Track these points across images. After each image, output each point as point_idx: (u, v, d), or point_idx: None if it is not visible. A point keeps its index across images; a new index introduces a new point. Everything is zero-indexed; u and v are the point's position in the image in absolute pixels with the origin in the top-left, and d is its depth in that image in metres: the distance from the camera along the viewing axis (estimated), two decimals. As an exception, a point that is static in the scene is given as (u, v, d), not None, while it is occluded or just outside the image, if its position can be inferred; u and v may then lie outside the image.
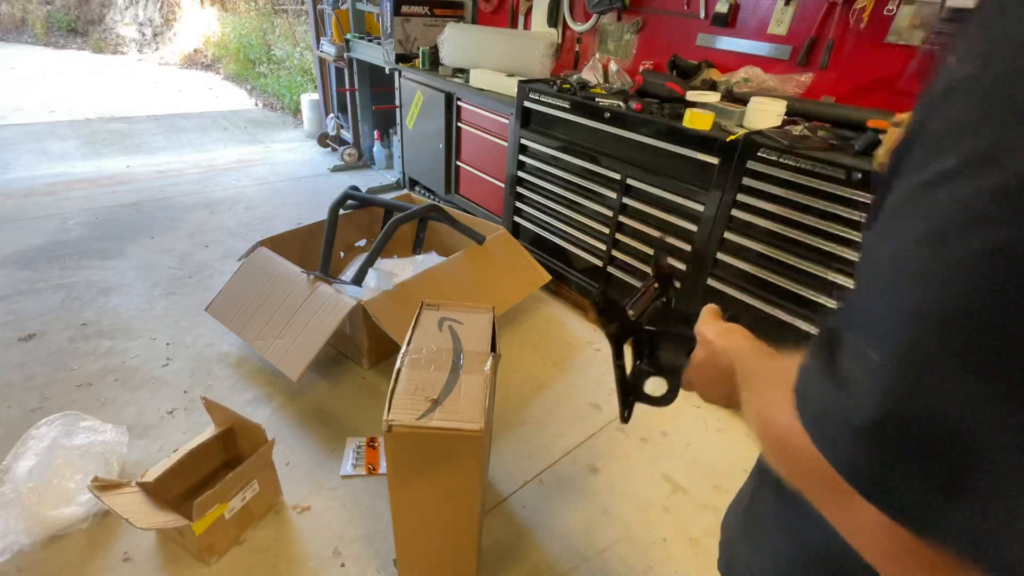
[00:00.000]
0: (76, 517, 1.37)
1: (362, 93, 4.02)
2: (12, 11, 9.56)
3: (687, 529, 1.54)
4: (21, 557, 1.32)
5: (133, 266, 2.67)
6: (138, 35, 9.53)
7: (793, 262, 1.65)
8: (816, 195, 1.56)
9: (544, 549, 1.46)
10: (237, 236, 3.05)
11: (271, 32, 7.40)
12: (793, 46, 2.02)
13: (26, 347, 2.06)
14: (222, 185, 3.81)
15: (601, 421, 1.90)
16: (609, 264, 2.29)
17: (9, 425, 1.68)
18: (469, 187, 3.19)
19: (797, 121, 1.81)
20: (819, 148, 1.58)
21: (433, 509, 1.13)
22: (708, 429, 1.91)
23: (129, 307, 2.34)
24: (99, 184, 3.67)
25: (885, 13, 1.76)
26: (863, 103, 1.87)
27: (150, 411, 1.80)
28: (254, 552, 1.39)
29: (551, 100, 2.29)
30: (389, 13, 3.22)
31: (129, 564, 1.35)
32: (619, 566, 1.43)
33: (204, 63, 8.65)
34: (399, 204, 2.28)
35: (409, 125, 3.50)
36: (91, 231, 2.99)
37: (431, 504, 1.12)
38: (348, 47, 3.84)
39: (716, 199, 1.80)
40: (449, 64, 3.04)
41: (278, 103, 6.39)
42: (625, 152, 2.08)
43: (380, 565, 1.38)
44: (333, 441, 1.72)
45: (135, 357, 2.04)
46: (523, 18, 3.09)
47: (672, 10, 2.37)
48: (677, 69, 2.26)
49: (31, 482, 1.36)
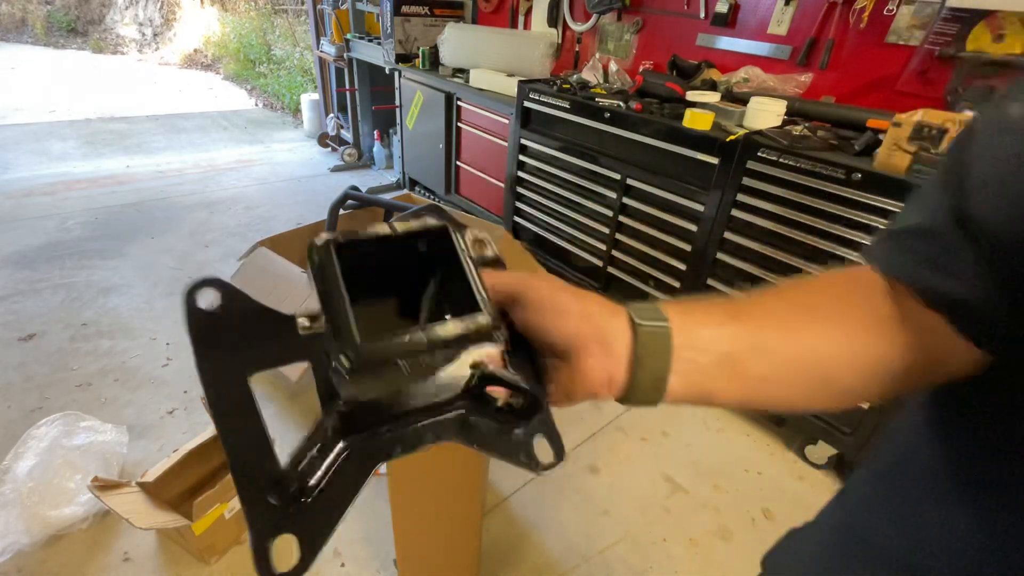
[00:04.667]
0: (76, 517, 1.37)
1: (362, 93, 4.02)
2: (12, 11, 9.55)
3: (687, 529, 1.54)
4: (21, 557, 1.32)
5: (133, 266, 2.66)
6: (138, 35, 9.53)
7: (793, 262, 1.65)
8: (816, 195, 1.55)
9: (544, 549, 1.46)
10: (237, 236, 3.04)
11: (271, 32, 7.40)
12: (793, 46, 2.02)
13: (26, 347, 2.06)
14: (222, 185, 3.81)
15: (601, 421, 1.90)
16: (609, 264, 2.29)
17: (9, 425, 1.68)
18: (469, 187, 3.19)
19: (797, 121, 1.80)
20: (819, 148, 1.58)
21: (433, 509, 1.13)
22: (708, 429, 1.91)
23: (129, 307, 2.34)
24: (99, 184, 3.67)
25: (885, 13, 1.76)
26: (863, 103, 1.87)
27: (150, 411, 1.80)
28: (254, 552, 1.39)
29: (551, 100, 2.29)
30: (389, 13, 3.22)
31: (129, 564, 1.35)
32: (619, 566, 1.43)
33: (204, 63, 8.65)
34: (399, 204, 2.28)
35: (409, 125, 3.50)
36: (91, 231, 2.99)
37: (431, 504, 1.12)
38: (348, 47, 3.84)
39: (716, 199, 1.80)
40: (449, 64, 3.04)
41: (278, 103, 6.39)
42: (625, 152, 2.08)
43: (380, 565, 1.38)
44: (333, 441, 1.72)
45: (135, 357, 2.04)
46: (523, 18, 3.09)
47: (672, 10, 2.37)
48: (677, 69, 2.25)
49: (31, 482, 1.36)
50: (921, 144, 1.35)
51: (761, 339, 0.35)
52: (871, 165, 1.45)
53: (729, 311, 0.36)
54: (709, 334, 0.35)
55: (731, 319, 0.36)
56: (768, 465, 1.78)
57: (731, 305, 0.37)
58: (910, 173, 1.38)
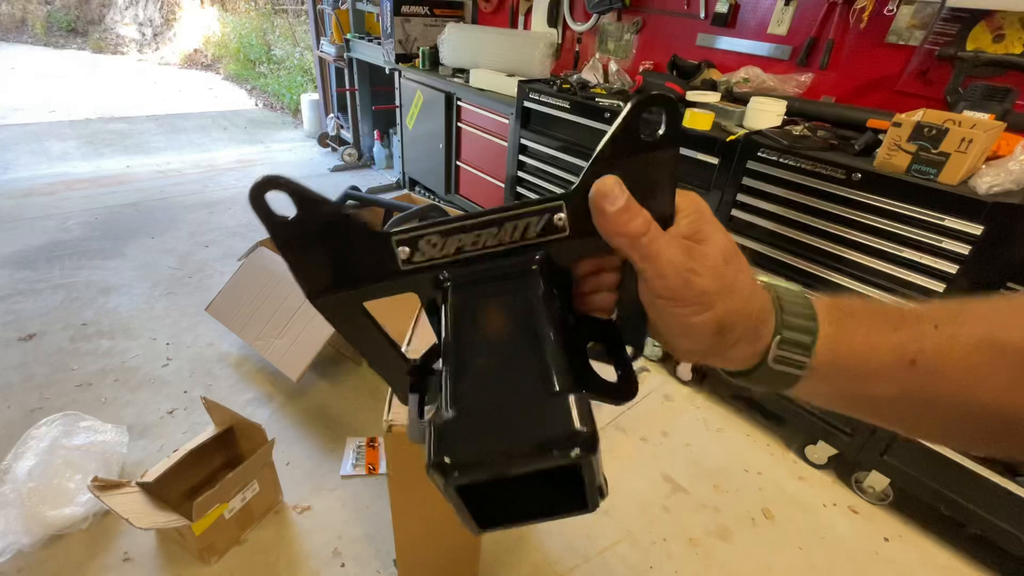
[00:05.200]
0: (76, 517, 1.37)
1: (362, 93, 4.02)
2: (12, 11, 9.55)
3: (687, 529, 1.54)
4: (21, 557, 1.32)
5: (133, 266, 2.66)
6: (138, 35, 9.53)
7: (793, 262, 1.65)
8: (816, 195, 1.55)
9: (544, 549, 1.46)
10: (237, 236, 3.04)
11: (271, 32, 7.40)
12: (793, 46, 2.02)
13: (26, 347, 2.06)
14: (222, 185, 3.81)
15: (601, 421, 1.90)
16: (609, 264, 2.29)
17: (9, 425, 1.68)
18: (469, 187, 3.19)
19: (797, 121, 1.80)
20: (819, 148, 1.58)
21: (433, 509, 1.13)
22: (708, 429, 1.91)
23: (129, 307, 2.34)
24: (99, 184, 3.67)
25: (885, 13, 1.76)
26: (863, 103, 1.87)
27: (150, 411, 1.80)
28: (254, 552, 1.39)
29: (551, 100, 2.29)
30: (389, 13, 3.22)
31: (129, 564, 1.35)
32: (619, 566, 1.43)
33: (204, 63, 8.65)
34: (399, 204, 2.28)
35: (409, 125, 3.50)
36: (91, 231, 2.99)
37: (431, 504, 1.12)
38: (348, 47, 3.84)
39: (716, 199, 1.80)
40: (449, 64, 3.04)
41: (278, 103, 6.39)
42: (625, 152, 2.08)
43: (380, 565, 1.38)
44: (333, 441, 1.72)
45: (135, 357, 2.04)
46: (523, 18, 3.09)
47: (672, 10, 2.37)
48: (677, 69, 2.25)
49: (31, 482, 1.36)
50: (921, 144, 1.35)
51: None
52: (871, 165, 1.45)
53: (905, 319, 0.31)
54: (868, 361, 0.30)
55: (902, 331, 0.30)
56: (768, 465, 1.78)
57: (908, 312, 0.31)
58: (910, 173, 1.38)
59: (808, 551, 1.50)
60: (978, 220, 1.28)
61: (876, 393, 0.30)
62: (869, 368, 0.30)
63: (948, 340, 0.29)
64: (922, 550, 1.54)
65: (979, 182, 1.29)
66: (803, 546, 1.51)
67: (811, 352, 0.30)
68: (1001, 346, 0.29)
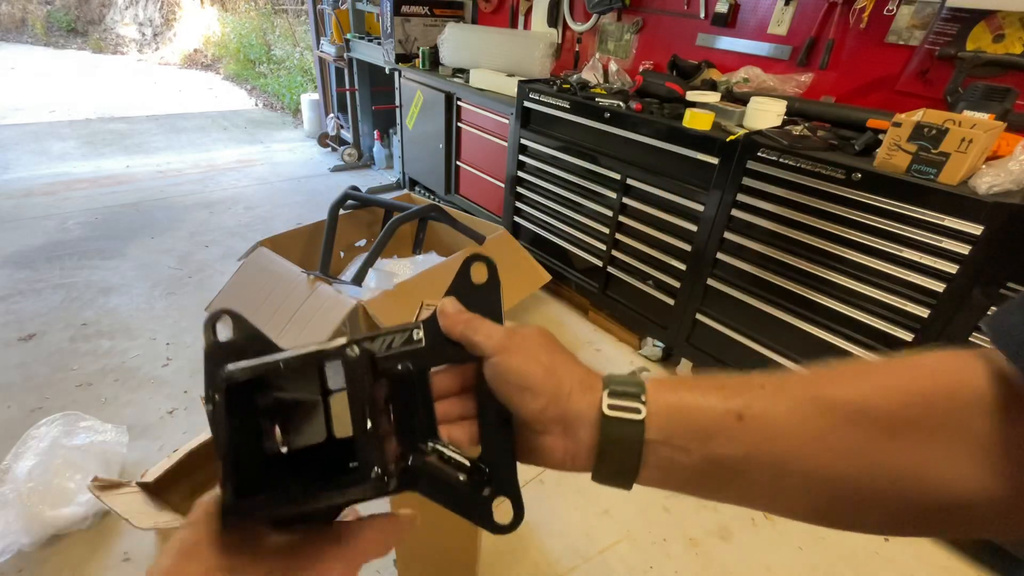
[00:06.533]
0: (76, 517, 1.37)
1: (362, 93, 4.02)
2: (12, 11, 9.56)
3: (687, 529, 1.54)
4: (21, 557, 1.33)
5: (133, 266, 2.67)
6: (138, 35, 9.53)
7: (793, 262, 1.65)
8: (816, 195, 1.55)
9: (544, 549, 1.46)
10: (237, 236, 3.05)
11: (271, 32, 7.41)
12: (793, 46, 2.02)
13: (26, 347, 2.06)
14: (222, 185, 3.81)
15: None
16: (609, 264, 2.29)
17: (9, 425, 1.68)
18: (469, 187, 3.19)
19: (797, 121, 1.80)
20: (819, 148, 1.58)
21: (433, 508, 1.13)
22: (708, 429, 1.91)
23: (129, 307, 2.34)
24: (99, 184, 3.67)
25: (885, 13, 1.76)
26: (863, 103, 1.87)
27: (150, 411, 1.80)
28: (254, 552, 1.39)
29: (551, 100, 2.29)
30: (389, 13, 3.22)
31: (129, 564, 1.35)
32: (619, 566, 1.43)
33: (204, 63, 8.65)
34: (399, 204, 2.28)
35: (409, 125, 3.50)
36: (91, 231, 2.99)
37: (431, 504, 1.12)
38: (348, 47, 3.84)
39: (716, 199, 1.80)
40: (449, 64, 3.04)
41: (278, 103, 6.39)
42: (625, 152, 2.08)
43: (380, 565, 1.38)
44: (333, 441, 1.72)
45: (135, 357, 2.04)
46: (523, 18, 3.09)
47: (672, 10, 2.37)
48: (677, 69, 2.25)
49: (31, 482, 1.36)
50: (921, 144, 1.35)
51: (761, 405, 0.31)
52: (871, 165, 1.45)
53: (729, 383, 0.32)
54: (697, 418, 0.31)
55: (726, 390, 0.32)
56: (768, 465, 1.78)
57: (734, 379, 0.33)
58: (910, 173, 1.39)
59: (808, 551, 1.50)
60: (978, 220, 1.29)
61: (722, 453, 0.31)
62: (703, 423, 0.31)
63: (772, 396, 0.31)
64: (922, 550, 1.54)
65: (979, 182, 1.29)
66: (803, 546, 1.51)
67: (641, 396, 0.32)
68: (828, 403, 0.30)
